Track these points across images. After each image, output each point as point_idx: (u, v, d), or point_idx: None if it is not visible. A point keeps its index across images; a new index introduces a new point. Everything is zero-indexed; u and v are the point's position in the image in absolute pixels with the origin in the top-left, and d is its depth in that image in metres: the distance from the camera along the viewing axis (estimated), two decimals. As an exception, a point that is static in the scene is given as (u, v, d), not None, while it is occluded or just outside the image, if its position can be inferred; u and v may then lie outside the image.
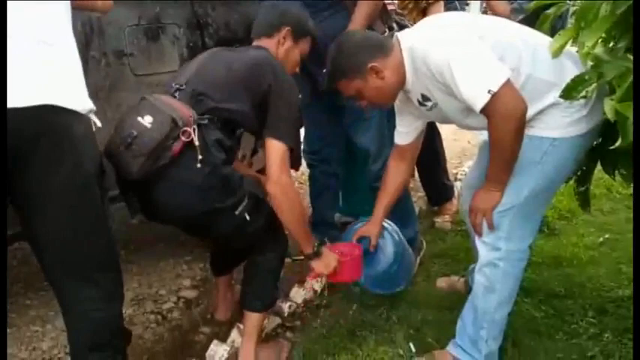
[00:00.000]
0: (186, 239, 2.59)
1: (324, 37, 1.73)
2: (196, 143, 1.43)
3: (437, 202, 2.91)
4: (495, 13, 2.65)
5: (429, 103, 1.57)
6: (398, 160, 1.83)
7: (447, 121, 1.65)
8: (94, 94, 1.72)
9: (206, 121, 1.49)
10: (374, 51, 1.53)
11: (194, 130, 1.43)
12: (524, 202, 1.49)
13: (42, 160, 1.18)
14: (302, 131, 2.55)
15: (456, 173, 3.61)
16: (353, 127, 2.23)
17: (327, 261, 1.72)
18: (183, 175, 1.46)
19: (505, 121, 1.36)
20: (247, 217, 1.58)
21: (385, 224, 1.94)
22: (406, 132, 1.76)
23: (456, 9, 5.72)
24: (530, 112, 1.43)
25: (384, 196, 1.86)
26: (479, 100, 1.35)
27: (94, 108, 1.30)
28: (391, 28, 2.03)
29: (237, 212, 1.56)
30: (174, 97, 1.52)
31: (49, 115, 1.16)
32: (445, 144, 2.99)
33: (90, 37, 1.73)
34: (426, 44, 1.47)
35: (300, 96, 2.27)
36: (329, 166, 2.42)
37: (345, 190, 2.73)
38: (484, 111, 1.36)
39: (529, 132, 1.46)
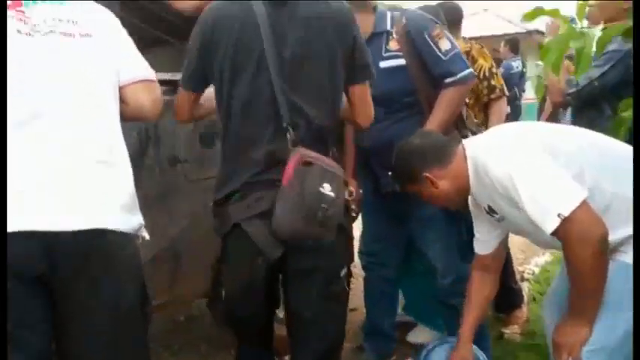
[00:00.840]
0: (228, 340, 2.46)
1: (396, 139, 1.67)
2: None
3: (504, 308, 2.65)
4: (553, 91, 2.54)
5: (497, 215, 1.46)
6: (481, 270, 1.68)
7: (523, 234, 1.50)
8: (144, 202, 1.70)
9: None
10: (430, 160, 1.50)
11: None
12: (621, 343, 1.27)
13: (86, 285, 1.12)
14: (359, 227, 2.44)
15: (522, 272, 3.34)
16: (418, 234, 2.09)
17: None
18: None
19: (581, 247, 1.21)
20: (346, 288, 1.56)
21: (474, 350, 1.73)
22: (485, 240, 1.63)
23: (515, 96, 5.66)
24: (620, 236, 1.27)
25: (470, 313, 1.68)
26: (548, 224, 1.21)
27: (143, 222, 1.25)
28: (465, 137, 1.93)
29: (342, 274, 1.53)
30: (296, 141, 1.40)
31: (98, 240, 1.12)
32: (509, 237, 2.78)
33: (145, 145, 1.73)
34: (487, 155, 1.38)
35: (360, 191, 2.20)
36: (387, 270, 2.25)
37: (404, 289, 2.55)
38: (556, 234, 1.21)
39: (622, 258, 1.28)
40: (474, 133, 1.97)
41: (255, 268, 1.46)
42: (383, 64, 1.94)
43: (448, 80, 1.90)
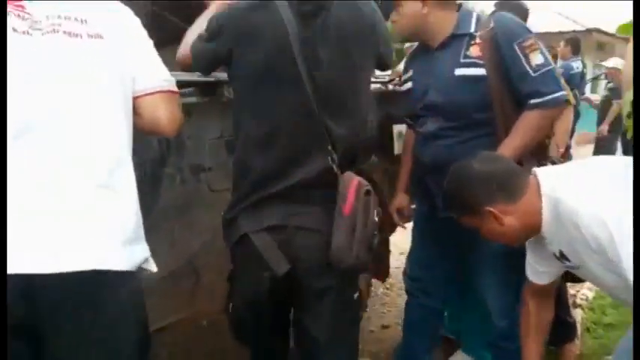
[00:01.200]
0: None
1: (460, 159, 1.47)
2: None
3: (555, 341, 2.40)
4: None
5: (568, 263, 1.26)
6: (537, 297, 1.51)
7: (602, 287, 1.29)
8: (163, 214, 1.57)
9: None
10: (496, 194, 1.30)
11: None
12: None
13: (76, 330, 0.98)
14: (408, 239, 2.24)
15: (574, 296, 3.07)
16: (474, 270, 1.87)
17: None
18: None
19: None
20: (359, 312, 1.54)
21: None
22: (543, 272, 1.44)
23: (575, 98, 5.28)
24: None
25: (531, 348, 1.52)
26: None
27: (148, 254, 1.10)
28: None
29: (355, 297, 1.52)
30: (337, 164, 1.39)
31: (93, 281, 0.96)
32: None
33: (166, 153, 1.59)
34: (578, 202, 1.16)
35: (413, 206, 1.99)
36: (430, 299, 2.03)
37: (449, 309, 2.36)
38: None
39: None
40: (555, 164, 1.70)
41: (261, 281, 1.44)
42: (459, 72, 1.68)
43: (533, 101, 1.62)
